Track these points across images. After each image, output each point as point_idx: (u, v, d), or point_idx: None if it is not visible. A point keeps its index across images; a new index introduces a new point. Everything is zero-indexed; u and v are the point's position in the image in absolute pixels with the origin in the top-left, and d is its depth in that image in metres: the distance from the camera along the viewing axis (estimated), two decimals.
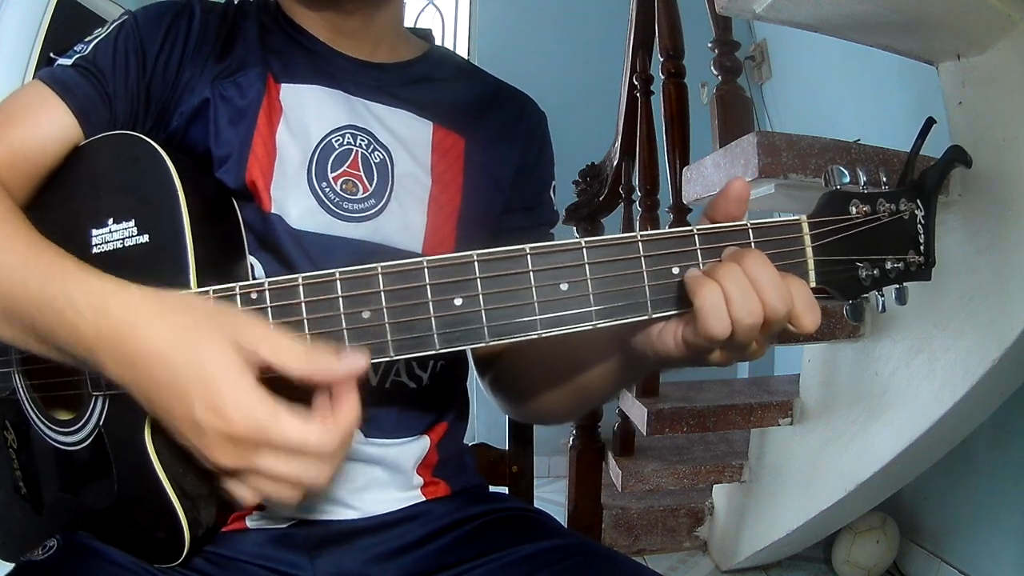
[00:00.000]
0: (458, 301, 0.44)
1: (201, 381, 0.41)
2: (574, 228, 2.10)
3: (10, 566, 0.57)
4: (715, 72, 1.59)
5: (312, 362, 0.42)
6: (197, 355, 0.41)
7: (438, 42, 0.78)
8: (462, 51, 3.00)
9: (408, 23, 0.75)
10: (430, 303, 0.44)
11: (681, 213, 1.57)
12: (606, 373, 0.56)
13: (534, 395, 0.66)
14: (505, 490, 0.86)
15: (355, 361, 0.42)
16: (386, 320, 0.44)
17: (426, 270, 0.44)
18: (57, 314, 0.44)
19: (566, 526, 0.71)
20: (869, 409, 1.40)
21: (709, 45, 1.60)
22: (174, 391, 0.42)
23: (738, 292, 0.42)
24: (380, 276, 0.44)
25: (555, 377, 0.62)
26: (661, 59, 1.66)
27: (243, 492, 0.44)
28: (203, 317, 0.43)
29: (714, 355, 0.46)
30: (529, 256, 0.44)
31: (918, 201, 0.48)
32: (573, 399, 0.62)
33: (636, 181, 1.89)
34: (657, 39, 1.72)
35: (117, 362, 0.43)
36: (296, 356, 0.42)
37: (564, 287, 0.44)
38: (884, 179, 0.48)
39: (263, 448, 0.41)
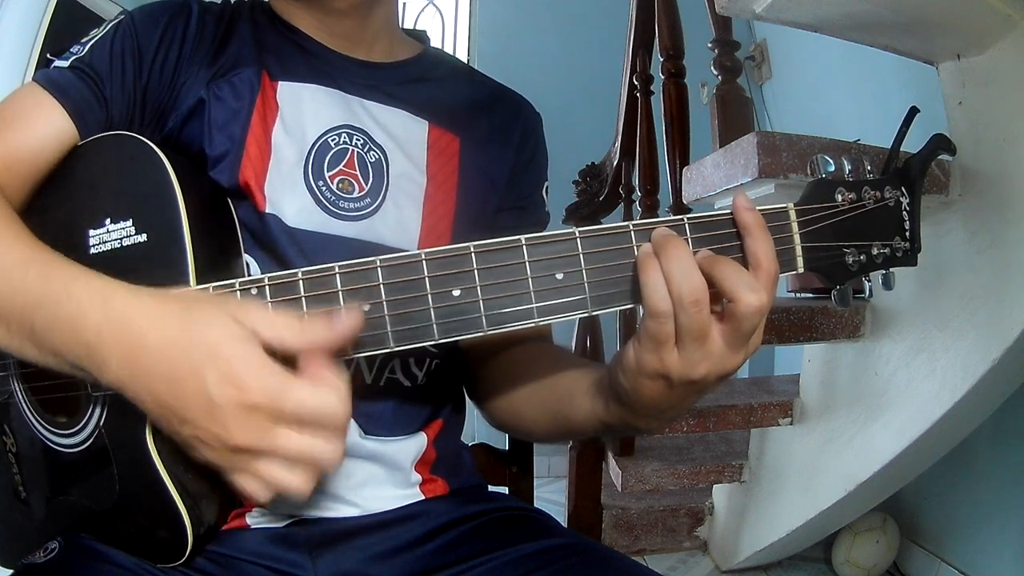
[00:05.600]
0: (456, 292, 0.44)
1: (213, 356, 0.40)
2: (574, 228, 2.10)
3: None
4: (715, 72, 1.60)
5: (307, 332, 0.42)
6: (204, 334, 0.41)
7: (438, 42, 0.78)
8: (462, 51, 3.00)
9: (408, 23, 0.76)
10: (429, 295, 0.44)
11: (681, 213, 1.57)
12: (590, 416, 0.55)
13: (516, 413, 0.66)
14: (505, 490, 0.86)
15: (349, 319, 0.42)
16: (386, 312, 0.44)
17: (424, 263, 0.44)
18: (56, 309, 0.43)
19: (566, 526, 0.71)
20: (869, 409, 1.40)
21: (709, 45, 1.60)
22: (184, 373, 0.41)
23: (679, 271, 0.42)
24: (379, 269, 0.44)
25: (540, 405, 0.62)
26: (661, 59, 1.66)
27: (253, 485, 0.42)
28: (200, 303, 0.43)
29: (671, 357, 0.44)
30: (525, 247, 0.45)
31: (903, 188, 0.49)
32: (555, 428, 0.62)
33: (636, 181, 1.89)
34: (657, 39, 1.72)
35: (119, 356, 0.42)
36: (292, 330, 0.42)
37: (559, 276, 0.45)
38: (869, 168, 0.48)
39: (280, 418, 0.40)
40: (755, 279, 0.43)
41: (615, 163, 2.05)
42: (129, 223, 0.52)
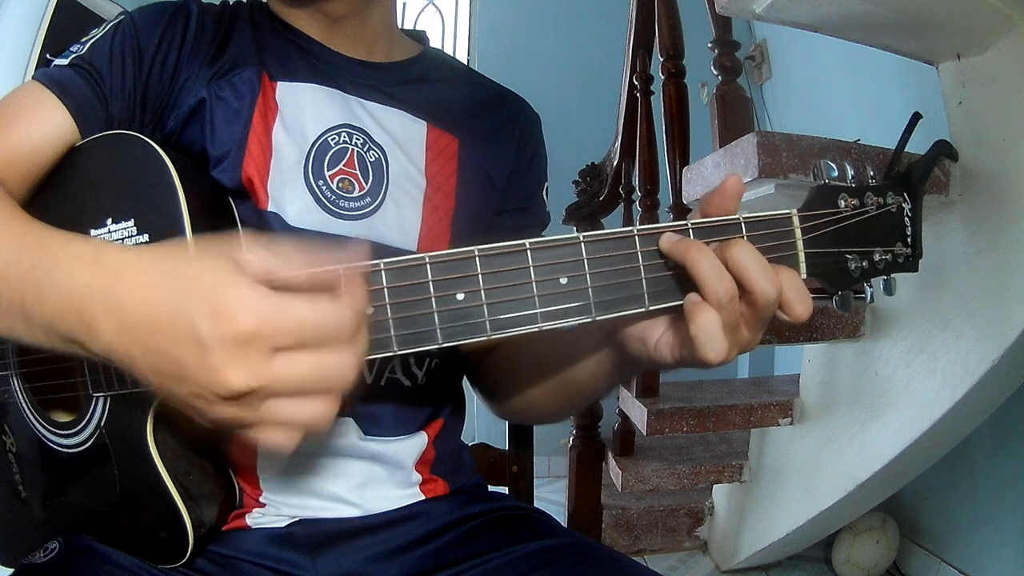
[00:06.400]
0: (460, 296, 0.44)
1: (197, 292, 0.37)
2: (574, 228, 2.10)
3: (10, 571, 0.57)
4: (715, 72, 1.59)
5: (309, 256, 0.39)
6: (188, 275, 0.38)
7: (438, 42, 0.78)
8: (462, 51, 3.00)
9: (408, 24, 0.76)
10: (432, 299, 0.44)
11: (681, 213, 1.57)
12: (597, 371, 0.56)
13: (521, 391, 0.66)
14: (505, 490, 0.86)
15: (356, 247, 0.40)
16: (389, 316, 0.44)
17: (428, 266, 0.44)
18: (51, 268, 0.42)
19: (566, 526, 0.71)
20: (869, 409, 1.40)
21: (709, 45, 1.60)
22: (169, 318, 0.37)
23: (713, 274, 0.42)
24: (383, 272, 0.44)
25: (543, 373, 0.62)
26: (661, 59, 1.66)
27: (272, 434, 0.38)
28: (195, 249, 0.40)
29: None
30: (529, 251, 0.44)
31: (905, 194, 0.49)
32: (561, 396, 0.62)
33: (636, 181, 1.89)
34: (657, 39, 1.72)
35: (109, 313, 0.39)
36: (290, 256, 0.39)
37: (564, 281, 0.45)
38: (872, 173, 0.48)
39: (276, 347, 0.36)
40: (770, 268, 0.43)
41: (615, 163, 2.05)
42: (131, 223, 0.52)
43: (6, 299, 0.44)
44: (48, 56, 0.61)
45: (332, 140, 0.63)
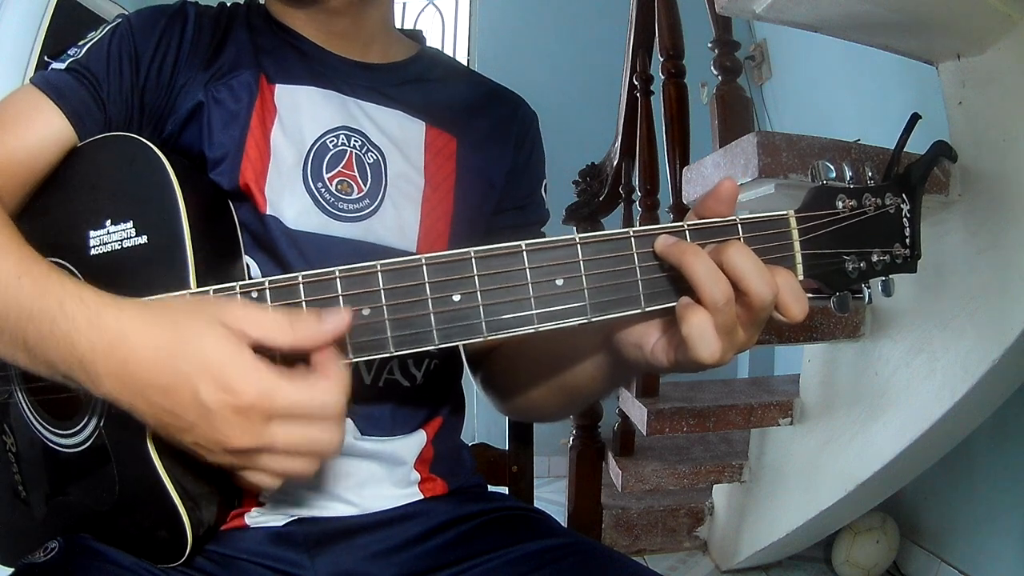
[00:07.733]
0: (456, 297, 0.44)
1: (203, 364, 0.41)
2: (574, 228, 2.10)
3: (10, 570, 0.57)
4: (715, 72, 1.59)
5: (297, 330, 0.43)
6: (192, 345, 0.42)
7: (438, 42, 0.79)
8: (462, 51, 3.00)
9: (408, 24, 0.76)
10: (429, 300, 0.44)
11: (681, 213, 1.57)
12: (595, 374, 0.57)
13: (522, 392, 0.66)
14: (505, 490, 0.86)
15: (339, 319, 0.43)
16: (386, 317, 0.44)
17: (424, 267, 0.44)
18: (50, 324, 0.44)
19: (566, 526, 0.71)
20: (869, 409, 1.40)
21: (709, 45, 1.60)
22: (177, 384, 0.42)
23: (708, 277, 0.42)
24: (380, 274, 0.44)
25: (543, 375, 0.62)
26: (661, 59, 1.66)
27: (261, 478, 0.45)
28: (186, 312, 0.44)
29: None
30: (525, 253, 0.45)
31: (904, 195, 0.49)
32: (561, 397, 0.63)
33: (636, 181, 1.89)
34: (657, 39, 1.72)
35: (112, 372, 0.43)
36: (280, 327, 0.43)
37: (559, 282, 0.45)
38: (870, 174, 0.48)
39: (273, 417, 0.42)
40: (766, 270, 0.43)
41: (615, 163, 2.05)
42: (130, 224, 0.52)
43: (8, 335, 0.46)
44: (46, 59, 0.61)
45: (331, 142, 0.63)
